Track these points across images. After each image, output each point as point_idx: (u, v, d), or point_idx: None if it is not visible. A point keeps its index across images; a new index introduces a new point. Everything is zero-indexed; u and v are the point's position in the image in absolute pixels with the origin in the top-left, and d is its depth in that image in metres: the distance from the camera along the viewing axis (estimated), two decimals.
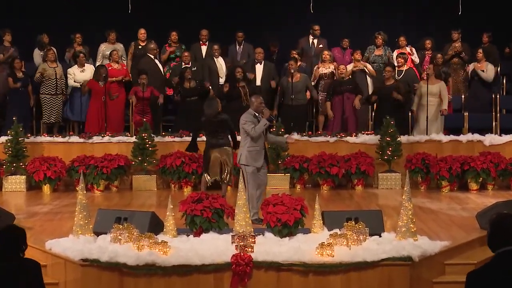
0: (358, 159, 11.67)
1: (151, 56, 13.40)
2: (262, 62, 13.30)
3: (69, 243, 7.54)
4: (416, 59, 13.74)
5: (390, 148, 11.69)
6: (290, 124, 12.24)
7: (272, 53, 14.01)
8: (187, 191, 11.47)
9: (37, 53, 13.73)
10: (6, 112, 12.93)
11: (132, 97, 12.69)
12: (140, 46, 13.83)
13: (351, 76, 13.05)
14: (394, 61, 13.49)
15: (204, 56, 13.80)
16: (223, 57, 13.70)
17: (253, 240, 7.20)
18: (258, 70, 13.27)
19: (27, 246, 5.02)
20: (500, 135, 12.24)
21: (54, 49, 13.37)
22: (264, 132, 8.95)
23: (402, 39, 13.82)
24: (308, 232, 7.75)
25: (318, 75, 13.35)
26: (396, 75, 12.97)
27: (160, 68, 13.49)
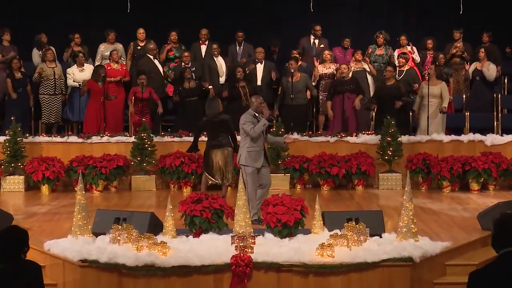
0: (359, 159, 11.63)
1: (151, 57, 13.35)
2: (263, 62, 13.25)
3: (67, 243, 7.51)
4: (417, 57, 13.70)
5: (391, 148, 11.64)
6: (290, 124, 12.20)
7: (272, 52, 13.96)
8: (186, 191, 11.43)
9: (35, 53, 13.68)
10: (5, 112, 12.88)
11: (131, 107, 12.59)
12: (139, 46, 13.78)
13: (352, 76, 12.98)
14: (396, 61, 13.44)
15: (203, 55, 13.75)
16: (222, 56, 13.64)
17: (253, 240, 7.19)
18: (259, 70, 13.22)
19: (29, 248, 4.99)
20: (502, 135, 12.20)
21: (53, 48, 13.32)
22: (264, 132, 8.92)
23: (403, 38, 13.78)
24: (308, 232, 7.73)
25: (318, 75, 13.29)
26: (397, 75, 12.92)
27: (160, 68, 13.43)
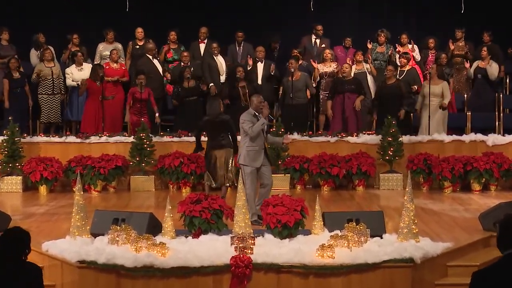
0: (359, 159, 11.58)
1: (150, 57, 13.29)
2: (263, 61, 13.19)
3: (66, 244, 7.48)
4: (417, 56, 13.63)
5: (392, 148, 11.60)
6: (291, 124, 12.14)
7: (273, 49, 13.90)
8: (185, 191, 11.38)
9: (33, 53, 13.61)
10: (3, 112, 12.82)
11: (127, 115, 12.52)
12: (137, 45, 13.72)
13: (354, 76, 12.89)
14: (397, 60, 13.38)
15: (202, 54, 13.69)
16: (222, 55, 13.58)
17: (252, 241, 7.15)
18: (259, 69, 13.17)
19: (30, 251, 4.98)
20: (503, 135, 12.16)
21: (51, 48, 13.27)
22: (264, 132, 8.87)
23: (404, 36, 13.72)
24: (308, 233, 7.71)
25: (318, 74, 13.24)
26: (397, 75, 12.87)
27: (159, 68, 13.35)
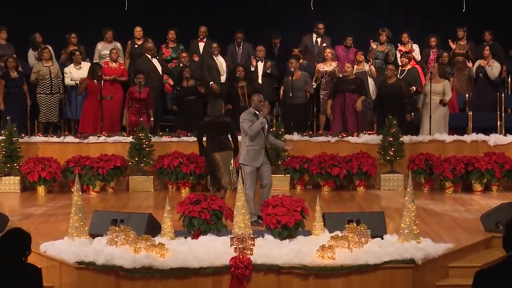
0: (360, 159, 11.55)
1: (149, 56, 13.24)
2: (263, 60, 13.14)
3: (64, 245, 7.46)
4: (417, 55, 13.58)
5: (393, 149, 11.57)
6: (290, 124, 12.10)
7: (274, 46, 13.84)
8: (184, 192, 11.35)
9: (31, 53, 13.59)
10: (1, 112, 12.78)
11: (125, 118, 12.48)
12: (136, 44, 13.67)
13: (356, 76, 12.81)
14: (398, 60, 13.33)
15: (201, 52, 13.65)
16: (222, 55, 13.53)
17: (252, 242, 7.12)
18: (259, 68, 13.14)
19: (31, 252, 4.98)
20: (505, 135, 12.13)
21: (49, 47, 13.24)
22: (265, 131, 8.83)
23: (405, 35, 13.70)
24: (308, 234, 7.68)
25: (319, 76, 13.19)
26: (398, 74, 12.83)
27: (158, 68, 13.29)
